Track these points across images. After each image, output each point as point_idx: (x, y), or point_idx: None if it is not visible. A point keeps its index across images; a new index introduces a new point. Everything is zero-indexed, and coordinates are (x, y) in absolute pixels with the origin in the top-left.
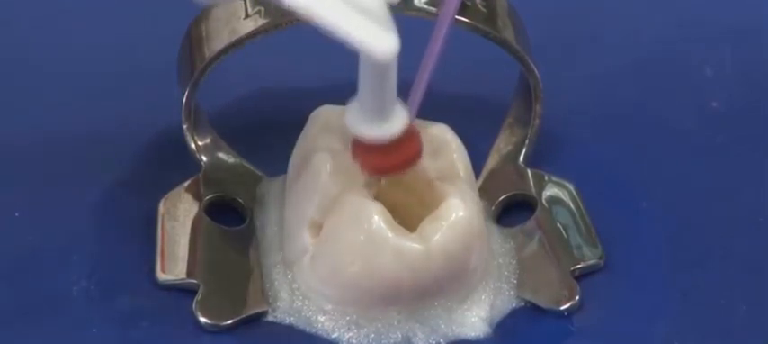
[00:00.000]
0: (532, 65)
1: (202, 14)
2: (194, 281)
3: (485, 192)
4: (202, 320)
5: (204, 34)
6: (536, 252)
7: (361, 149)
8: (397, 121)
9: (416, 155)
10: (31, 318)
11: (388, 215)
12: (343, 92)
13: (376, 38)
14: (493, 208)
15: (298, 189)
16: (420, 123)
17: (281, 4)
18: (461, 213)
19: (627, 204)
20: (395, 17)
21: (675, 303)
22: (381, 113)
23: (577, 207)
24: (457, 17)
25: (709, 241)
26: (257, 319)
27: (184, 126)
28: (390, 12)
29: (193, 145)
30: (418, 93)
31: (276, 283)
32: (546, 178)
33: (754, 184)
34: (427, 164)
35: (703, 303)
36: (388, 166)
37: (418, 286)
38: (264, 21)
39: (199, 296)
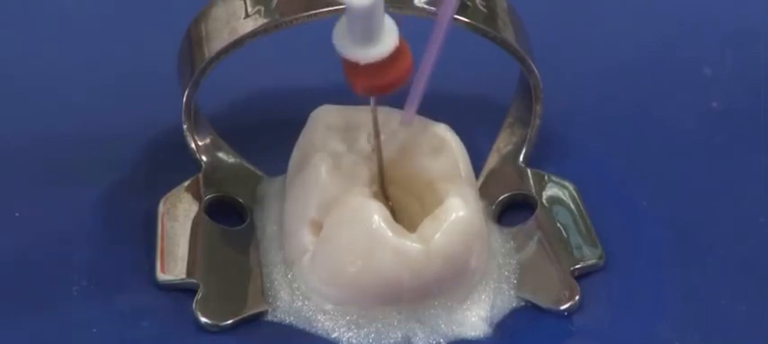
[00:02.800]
0: (532, 65)
1: (202, 14)
2: (194, 281)
3: (485, 192)
4: (202, 320)
5: (204, 34)
6: (536, 252)
7: (351, 69)
8: (388, 38)
9: (408, 71)
10: (32, 318)
11: (388, 215)
12: (343, 92)
13: None
14: (493, 208)
15: (298, 189)
16: (420, 123)
17: None
18: (461, 213)
19: (627, 204)
20: (395, 17)
21: (675, 303)
22: (370, 35)
23: (577, 207)
24: (457, 17)
25: (710, 241)
26: (257, 319)
27: (184, 126)
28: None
29: (193, 145)
30: (418, 93)
31: (276, 283)
32: (546, 178)
33: (754, 184)
34: (427, 164)
35: (703, 303)
36: (379, 85)
37: (418, 286)
38: (264, 21)
39: (199, 296)
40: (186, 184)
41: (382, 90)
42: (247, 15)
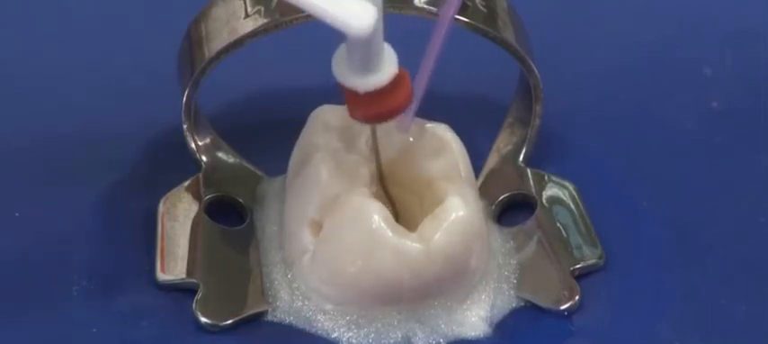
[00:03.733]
0: (532, 65)
1: (202, 14)
2: (194, 281)
3: (485, 192)
4: (202, 320)
5: (204, 34)
6: (536, 252)
7: (350, 96)
8: (387, 68)
9: (406, 99)
10: (32, 318)
11: (389, 215)
12: (342, 92)
13: (349, 12)
14: (493, 208)
15: (298, 189)
16: (420, 123)
17: None
18: (461, 213)
19: (627, 204)
20: (394, 17)
21: (675, 303)
22: (369, 64)
23: (577, 207)
24: (457, 17)
25: (710, 241)
26: (257, 319)
27: (184, 126)
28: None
29: (193, 145)
30: (418, 92)
31: (276, 282)
32: (546, 178)
33: (754, 184)
34: (427, 164)
35: (703, 303)
36: (377, 113)
37: (418, 286)
38: (264, 21)
39: (199, 296)
40: (186, 184)
41: (380, 118)
42: (247, 15)
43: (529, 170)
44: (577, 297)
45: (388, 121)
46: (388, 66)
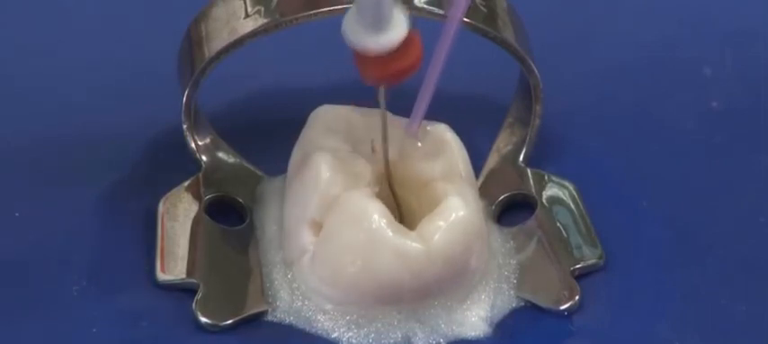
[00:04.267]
0: (532, 65)
1: (202, 14)
2: (194, 281)
3: (485, 192)
4: (202, 320)
5: (204, 34)
6: (536, 252)
7: (361, 58)
8: (397, 28)
9: (417, 61)
10: (32, 318)
11: (389, 215)
12: (343, 92)
13: None
14: (493, 208)
15: (297, 189)
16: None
17: None
18: (461, 213)
19: (627, 204)
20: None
21: (675, 303)
22: (380, 24)
23: (577, 207)
24: None
25: (710, 241)
26: (257, 319)
27: (184, 126)
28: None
29: (193, 145)
30: (427, 94)
31: (276, 282)
32: (546, 178)
33: (754, 184)
34: (427, 164)
35: (703, 303)
36: (387, 74)
37: (418, 286)
38: (264, 20)
39: (199, 296)
40: (186, 184)
41: (392, 79)
42: (247, 15)
43: (529, 170)
44: (577, 297)
45: (401, 81)
46: (398, 26)
